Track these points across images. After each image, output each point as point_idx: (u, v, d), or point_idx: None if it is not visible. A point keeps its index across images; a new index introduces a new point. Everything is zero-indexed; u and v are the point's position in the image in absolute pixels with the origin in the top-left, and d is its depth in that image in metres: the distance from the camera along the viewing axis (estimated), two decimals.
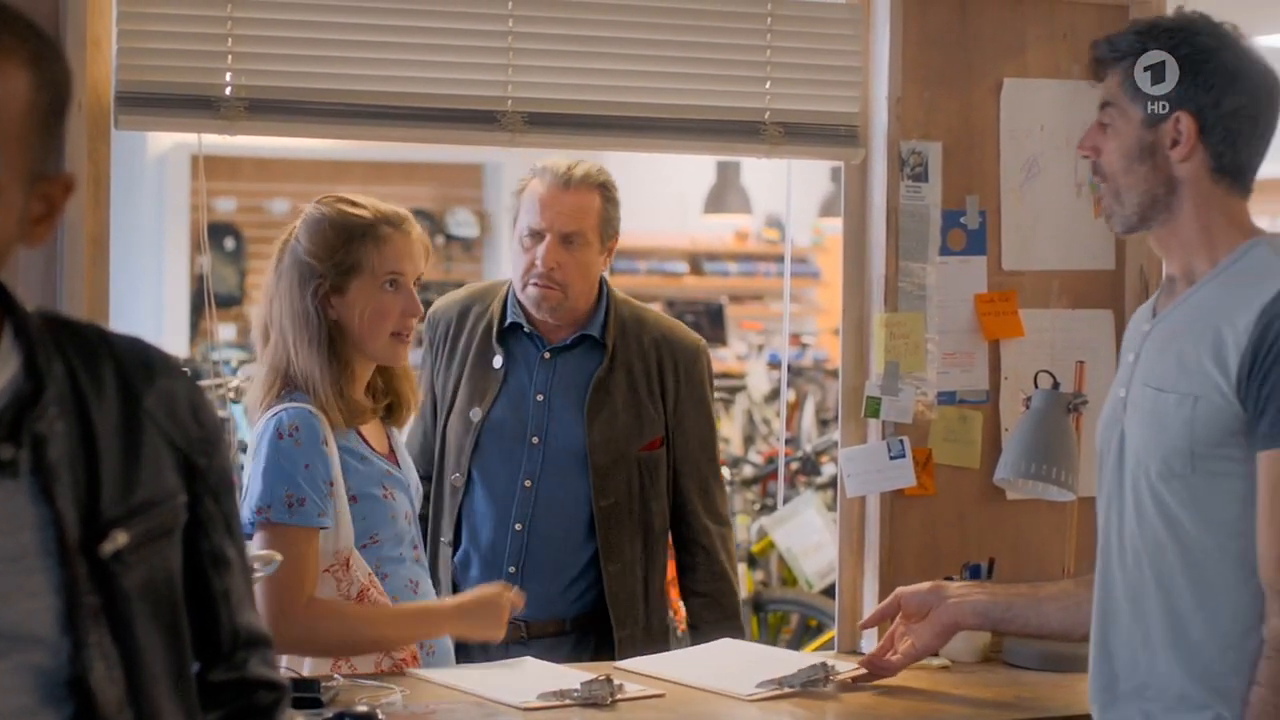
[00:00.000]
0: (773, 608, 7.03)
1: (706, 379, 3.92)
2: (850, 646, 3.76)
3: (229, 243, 12.74)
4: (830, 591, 5.26)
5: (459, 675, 3.31)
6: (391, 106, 3.50)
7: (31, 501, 1.78)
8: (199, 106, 3.40)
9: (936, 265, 3.77)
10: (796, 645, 6.86)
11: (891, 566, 3.75)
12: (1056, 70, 3.86)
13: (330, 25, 3.48)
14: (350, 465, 3.32)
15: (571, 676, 3.25)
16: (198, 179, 12.39)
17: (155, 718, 1.83)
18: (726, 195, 12.90)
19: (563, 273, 3.78)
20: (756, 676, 3.32)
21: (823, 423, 10.13)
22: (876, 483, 3.73)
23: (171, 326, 11.94)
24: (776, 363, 11.40)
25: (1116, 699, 2.76)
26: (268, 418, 3.28)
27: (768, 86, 3.71)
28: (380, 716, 2.87)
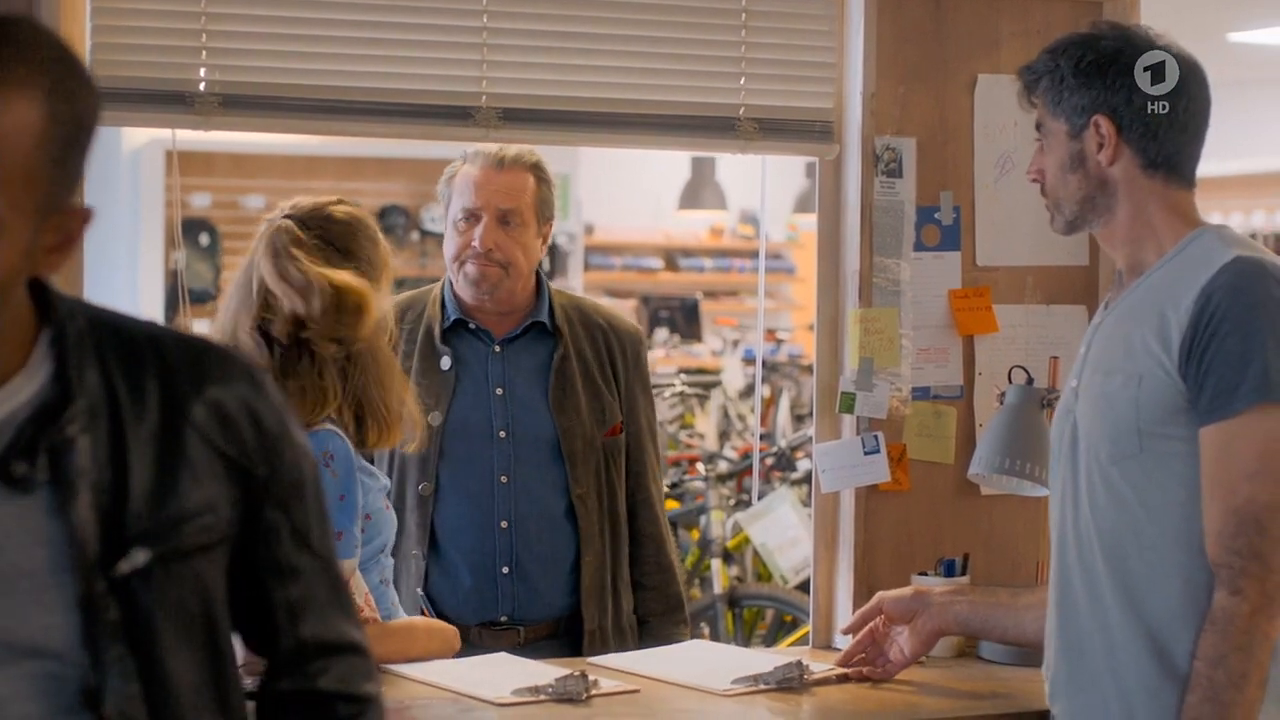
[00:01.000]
0: (747, 603, 7.04)
1: (646, 366, 3.94)
2: (825, 642, 3.77)
3: (204, 238, 12.72)
4: (805, 587, 5.26)
5: (434, 671, 3.31)
6: (366, 102, 3.49)
7: (49, 516, 1.76)
8: (173, 102, 3.39)
9: (911, 261, 3.77)
10: (771, 641, 6.87)
11: (866, 562, 3.76)
12: None
13: (304, 21, 3.47)
14: (364, 483, 3.30)
15: (546, 672, 3.25)
16: (173, 174, 12.39)
17: None
18: (701, 191, 12.93)
19: (501, 252, 3.75)
20: (732, 673, 3.33)
21: (798, 418, 10.14)
22: (851, 478, 3.73)
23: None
24: (751, 358, 11.41)
25: (1080, 689, 2.79)
26: None
27: (742, 82, 3.71)
28: None
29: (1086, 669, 2.78)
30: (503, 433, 3.77)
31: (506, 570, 3.74)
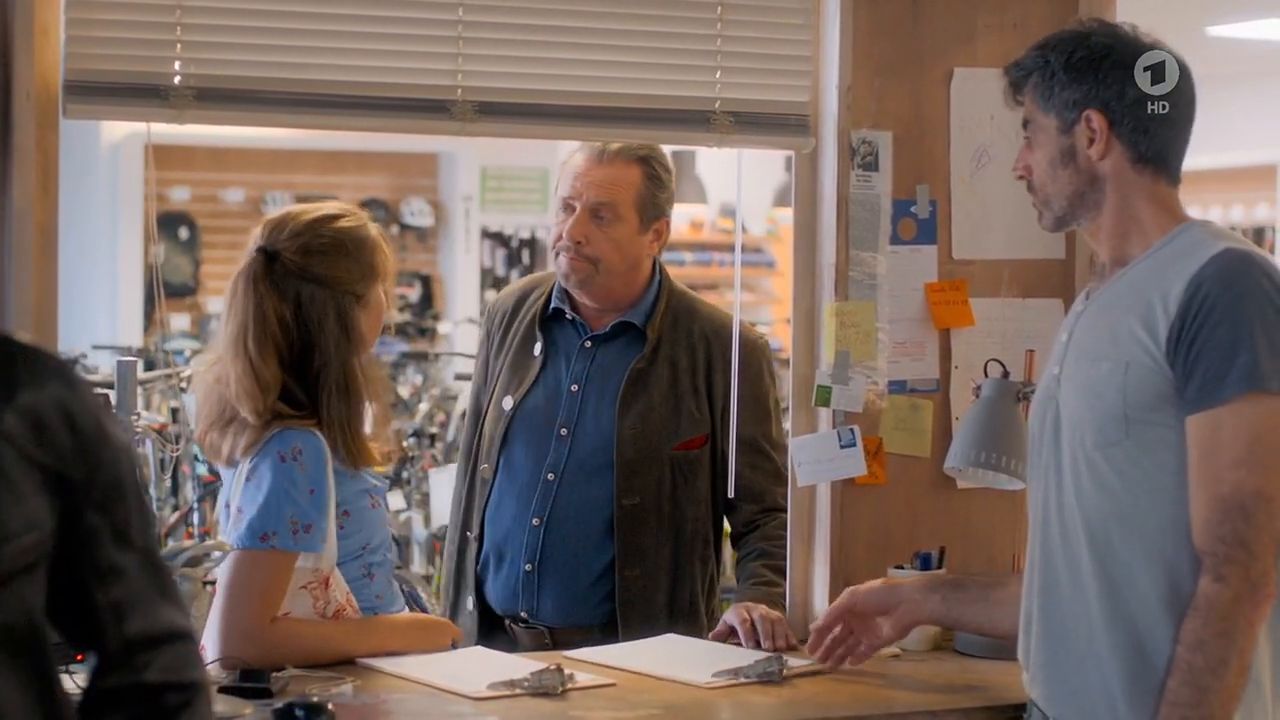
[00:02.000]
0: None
1: (765, 374, 3.85)
2: (802, 635, 3.75)
3: (183, 232, 12.70)
4: None
5: (410, 665, 3.30)
6: (341, 95, 3.48)
7: None
8: (148, 95, 3.37)
9: (887, 254, 3.77)
10: None
11: (842, 555, 3.76)
12: (1007, 60, 3.76)
13: (280, 14, 3.46)
14: (342, 478, 3.30)
15: (522, 666, 3.25)
16: (149, 169, 12.36)
17: None
18: (681, 185, 12.87)
19: (591, 247, 3.73)
20: (711, 667, 3.33)
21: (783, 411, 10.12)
22: (827, 471, 3.73)
23: (126, 316, 11.91)
24: None
25: (1061, 674, 2.80)
26: (268, 438, 3.23)
27: (718, 76, 3.70)
28: (330, 708, 2.86)
29: (1068, 654, 2.79)
30: (564, 430, 3.76)
31: (529, 567, 3.75)
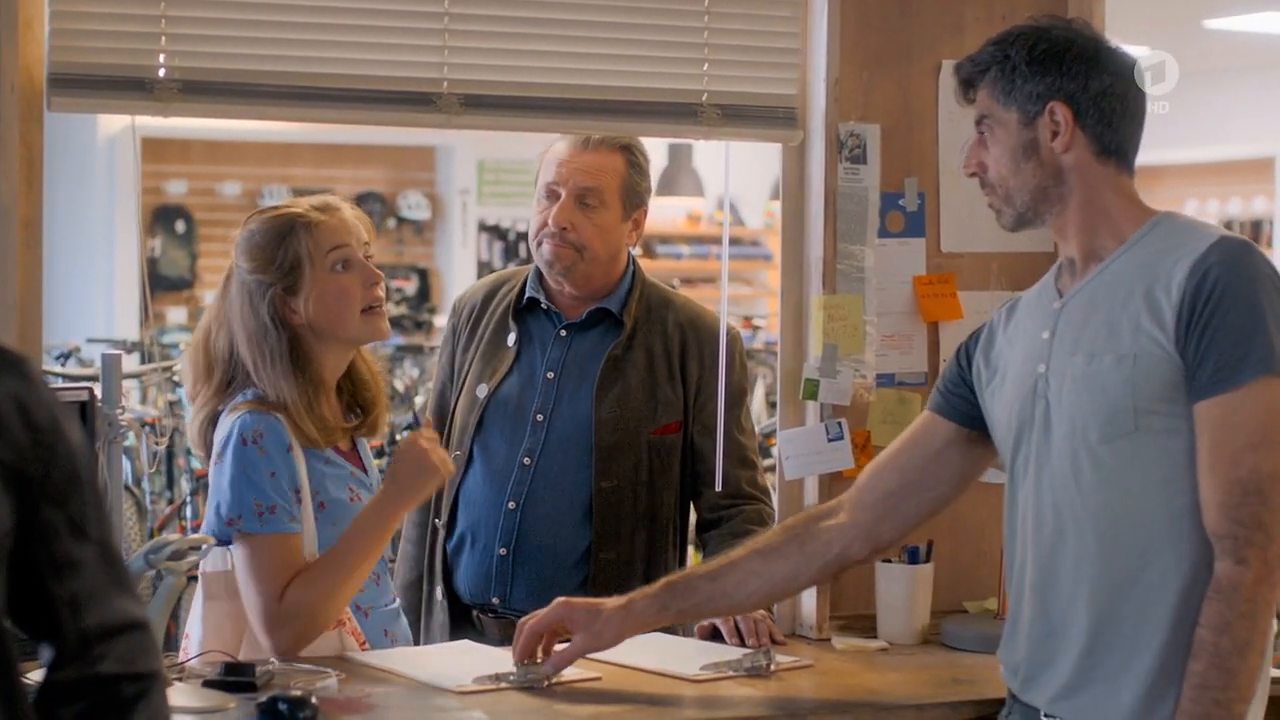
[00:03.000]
0: None
1: (737, 364, 3.83)
2: (790, 629, 3.75)
3: (180, 225, 12.69)
4: None
5: (396, 659, 3.30)
6: (326, 88, 3.47)
7: None
8: (132, 88, 3.37)
9: (875, 247, 3.76)
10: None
11: None
12: None
13: (264, 6, 3.46)
14: (316, 469, 3.30)
15: (508, 659, 3.25)
16: (147, 161, 12.36)
17: None
18: (679, 178, 12.92)
19: (576, 233, 3.72)
20: (698, 660, 3.32)
21: (773, 405, 10.13)
22: (814, 465, 3.72)
23: (122, 309, 11.90)
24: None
25: (1060, 671, 2.79)
26: (230, 422, 3.25)
27: (705, 68, 3.69)
28: (314, 701, 2.86)
29: (1068, 648, 2.78)
30: (539, 416, 3.75)
31: (504, 552, 3.74)
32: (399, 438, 7.95)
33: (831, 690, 3.28)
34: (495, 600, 3.76)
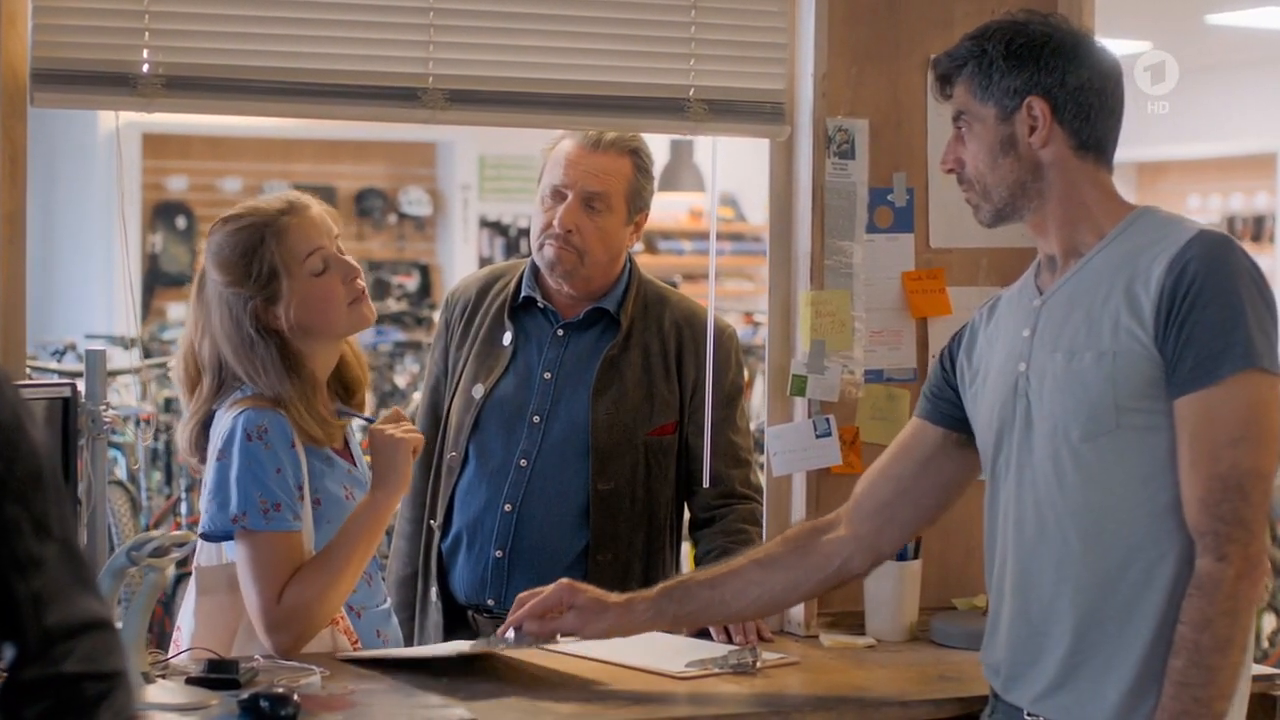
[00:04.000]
0: None
1: (733, 362, 3.82)
2: (778, 625, 3.74)
3: (180, 221, 12.69)
4: None
5: (380, 656, 3.29)
6: (311, 83, 3.46)
7: None
8: (116, 83, 3.36)
9: (863, 243, 3.75)
10: None
11: None
12: None
13: (249, 1, 3.45)
14: (314, 466, 3.28)
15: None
16: (150, 158, 12.36)
17: None
18: (680, 173, 12.91)
19: (580, 236, 3.70)
20: (684, 657, 3.31)
21: None
22: (802, 461, 3.71)
23: (122, 305, 11.90)
24: None
25: (1044, 672, 2.78)
26: (232, 417, 3.24)
27: (692, 63, 3.68)
28: (295, 698, 2.85)
29: (1051, 648, 2.77)
30: (536, 417, 3.74)
31: (500, 554, 3.73)
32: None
33: (817, 687, 3.27)
34: (491, 602, 3.75)
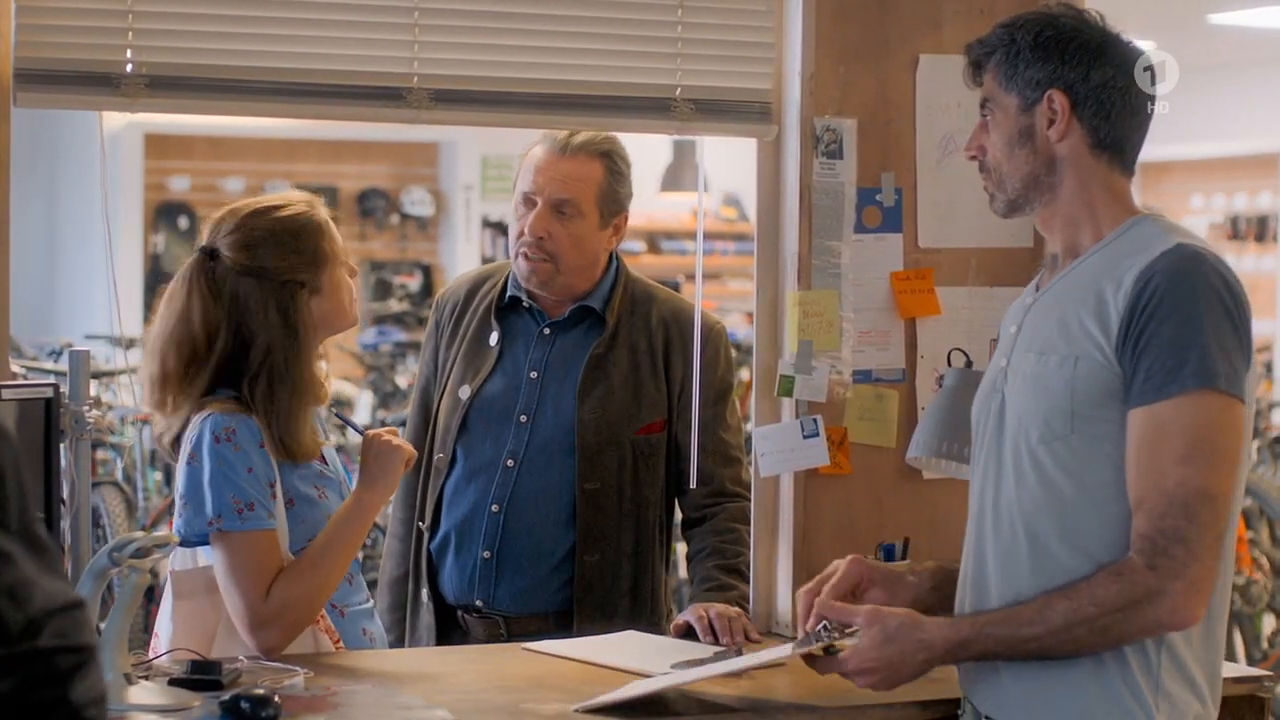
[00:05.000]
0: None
1: (721, 359, 3.81)
2: (765, 626, 3.74)
3: (182, 222, 12.70)
4: None
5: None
6: (295, 83, 3.46)
7: None
8: (99, 83, 3.36)
9: (851, 243, 3.74)
10: None
11: (806, 547, 3.72)
12: None
13: (232, 1, 3.44)
14: (285, 466, 3.28)
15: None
16: (151, 158, 12.36)
17: None
18: (683, 173, 12.88)
19: (553, 243, 3.69)
20: (669, 659, 3.30)
21: None
22: (789, 462, 3.70)
23: (124, 306, 11.90)
24: (734, 340, 11.38)
25: (995, 669, 2.77)
26: (200, 420, 3.23)
27: (678, 63, 3.67)
28: (276, 700, 2.84)
29: None
30: (523, 417, 3.73)
31: (487, 555, 3.72)
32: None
33: (802, 689, 3.24)
34: (479, 602, 3.74)
